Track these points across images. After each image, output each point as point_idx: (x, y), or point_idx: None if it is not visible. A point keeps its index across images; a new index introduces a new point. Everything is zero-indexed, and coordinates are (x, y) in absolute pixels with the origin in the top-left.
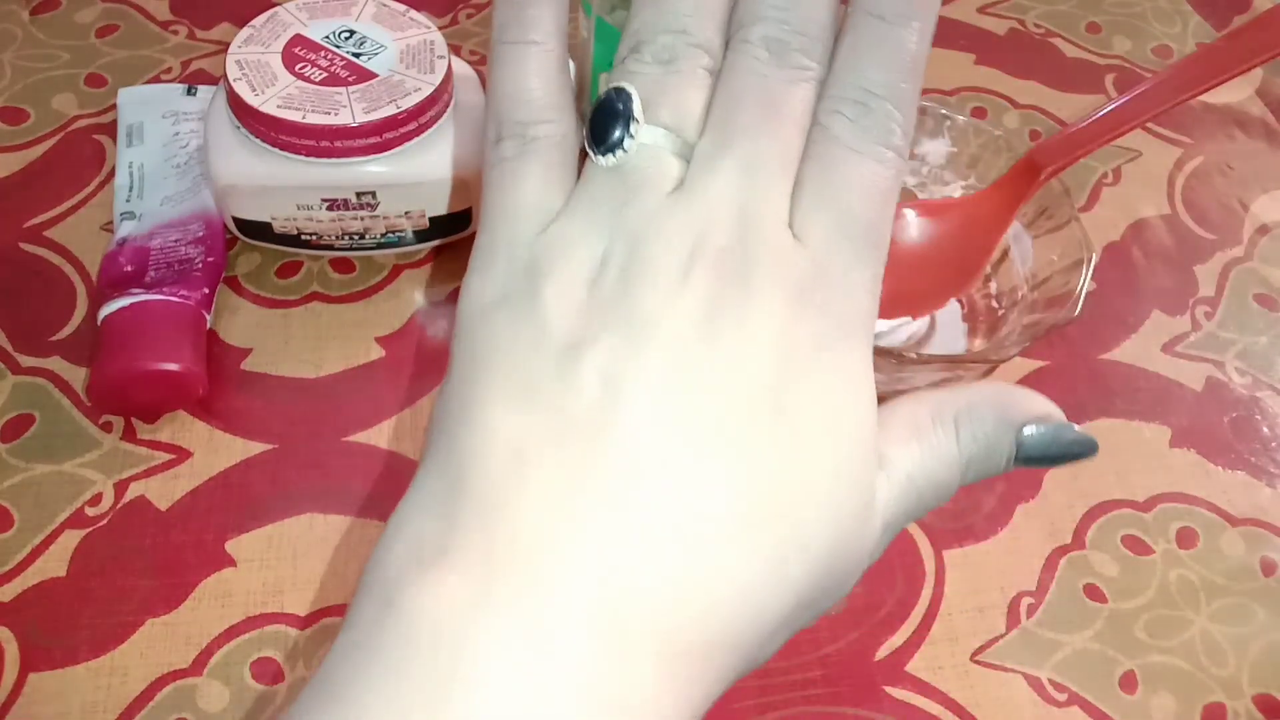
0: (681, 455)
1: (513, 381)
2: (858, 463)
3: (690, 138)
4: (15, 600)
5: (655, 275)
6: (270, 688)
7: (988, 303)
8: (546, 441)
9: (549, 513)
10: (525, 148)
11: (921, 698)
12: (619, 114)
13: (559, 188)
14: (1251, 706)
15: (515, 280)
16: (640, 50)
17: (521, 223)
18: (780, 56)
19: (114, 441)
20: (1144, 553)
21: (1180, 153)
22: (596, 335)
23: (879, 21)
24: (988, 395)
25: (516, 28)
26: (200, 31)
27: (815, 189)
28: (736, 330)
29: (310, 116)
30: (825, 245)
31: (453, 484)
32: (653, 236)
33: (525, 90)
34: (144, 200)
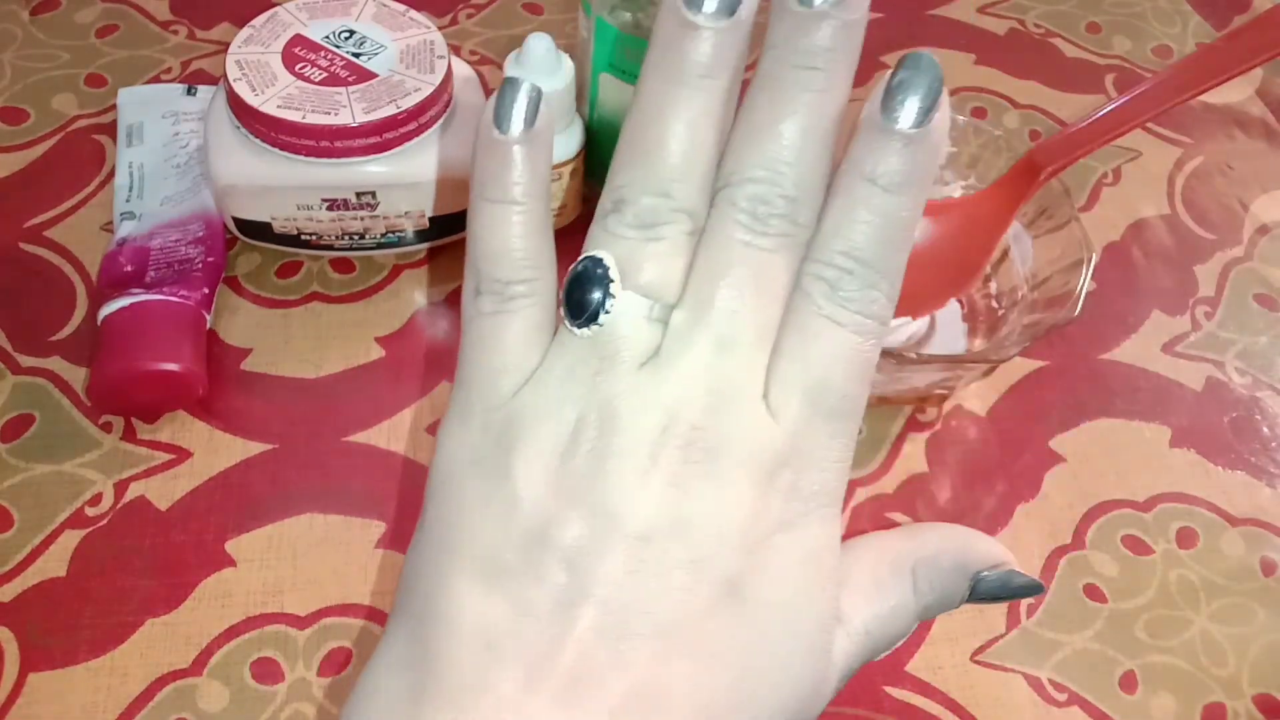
0: (644, 651)
1: (481, 560)
2: (816, 638)
3: (669, 301)
4: (15, 600)
5: (624, 456)
6: (270, 688)
7: (988, 303)
8: (512, 633)
9: (512, 708)
10: (504, 305)
11: (921, 698)
12: (595, 284)
13: (537, 347)
14: (1251, 706)
15: (488, 445)
16: (622, 210)
17: (496, 383)
18: (765, 221)
19: (114, 441)
20: (1144, 553)
21: (1180, 153)
22: (564, 519)
23: (871, 186)
24: (948, 545)
25: (498, 187)
26: (200, 31)
27: (792, 360)
28: (702, 519)
29: (310, 116)
30: (799, 421)
31: (421, 659)
32: (625, 414)
33: (506, 249)
34: (144, 200)
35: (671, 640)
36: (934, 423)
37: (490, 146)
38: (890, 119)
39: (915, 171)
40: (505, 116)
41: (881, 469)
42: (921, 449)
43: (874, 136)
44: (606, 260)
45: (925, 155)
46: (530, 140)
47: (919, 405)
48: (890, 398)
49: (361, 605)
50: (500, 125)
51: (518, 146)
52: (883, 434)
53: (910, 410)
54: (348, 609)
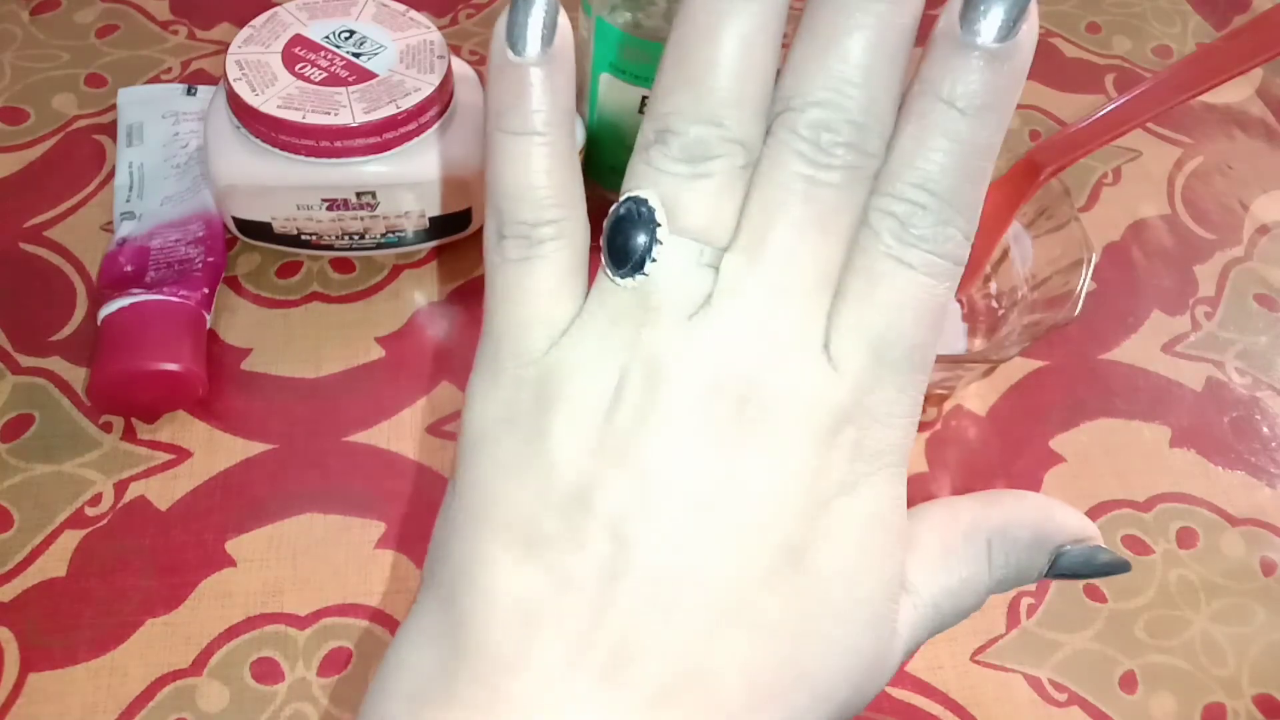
0: (694, 625)
1: (518, 527)
2: (881, 607)
3: (720, 244)
4: (15, 600)
5: (672, 415)
6: (270, 688)
7: (988, 303)
8: (552, 606)
9: (552, 685)
10: (531, 250)
11: (921, 698)
12: (639, 229)
13: (569, 296)
14: (1251, 706)
15: (522, 402)
16: (667, 141)
17: (529, 336)
18: (828, 151)
19: (114, 441)
20: (1144, 553)
21: (1180, 153)
22: (606, 482)
23: (949, 109)
24: (1026, 515)
25: (517, 116)
26: (200, 31)
27: (856, 306)
28: (758, 481)
29: (310, 116)
30: (863, 374)
31: (454, 632)
32: (672, 369)
33: (529, 186)
34: (144, 200)
35: (724, 613)
36: (934, 422)
37: (504, 71)
38: (970, 32)
39: (998, 92)
40: (520, 36)
41: None
42: (921, 449)
43: (951, 52)
44: (651, 201)
45: (1010, 74)
46: (549, 61)
47: None
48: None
49: (361, 605)
50: (515, 46)
51: (535, 69)
52: None
53: None
54: (348, 609)
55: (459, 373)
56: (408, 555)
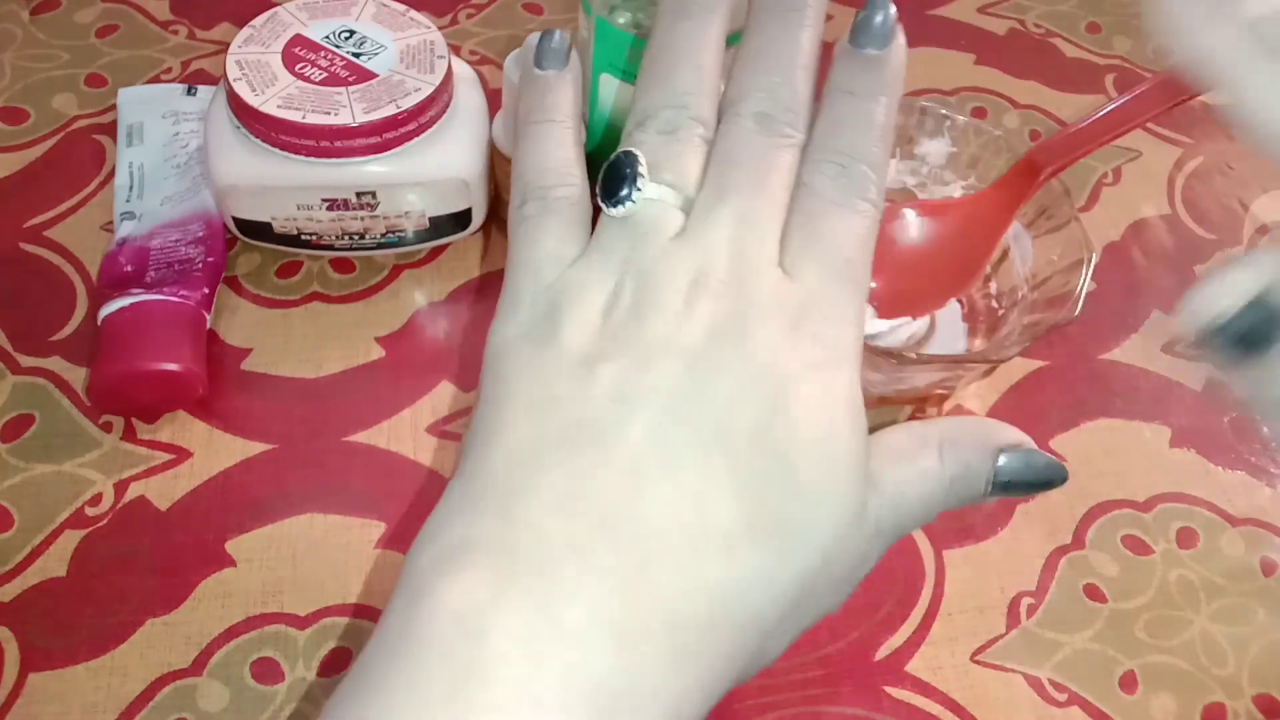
0: (687, 464)
1: (533, 396)
2: (849, 474)
3: (690, 194)
4: (15, 600)
5: (662, 305)
6: (270, 688)
7: (988, 303)
8: (561, 445)
9: (562, 513)
10: (546, 207)
11: (921, 698)
12: (626, 173)
13: (575, 240)
14: (1251, 706)
15: (537, 318)
16: (645, 124)
17: (543, 271)
18: (767, 127)
19: (114, 441)
20: (1144, 553)
21: (1180, 153)
22: (609, 354)
23: (851, 97)
24: (967, 424)
25: (540, 110)
26: (200, 31)
27: (802, 235)
28: (736, 352)
29: (310, 116)
30: (815, 282)
31: (477, 490)
32: (659, 273)
33: (548, 160)
34: (144, 200)
35: (712, 453)
36: None
37: (533, 81)
38: (858, 45)
39: (884, 84)
40: (544, 57)
41: None
42: None
43: (848, 60)
44: (636, 152)
45: (891, 71)
46: (564, 74)
47: (919, 405)
48: (890, 398)
49: (361, 605)
50: (540, 64)
51: (555, 77)
52: None
53: (910, 410)
54: (348, 609)
55: (459, 373)
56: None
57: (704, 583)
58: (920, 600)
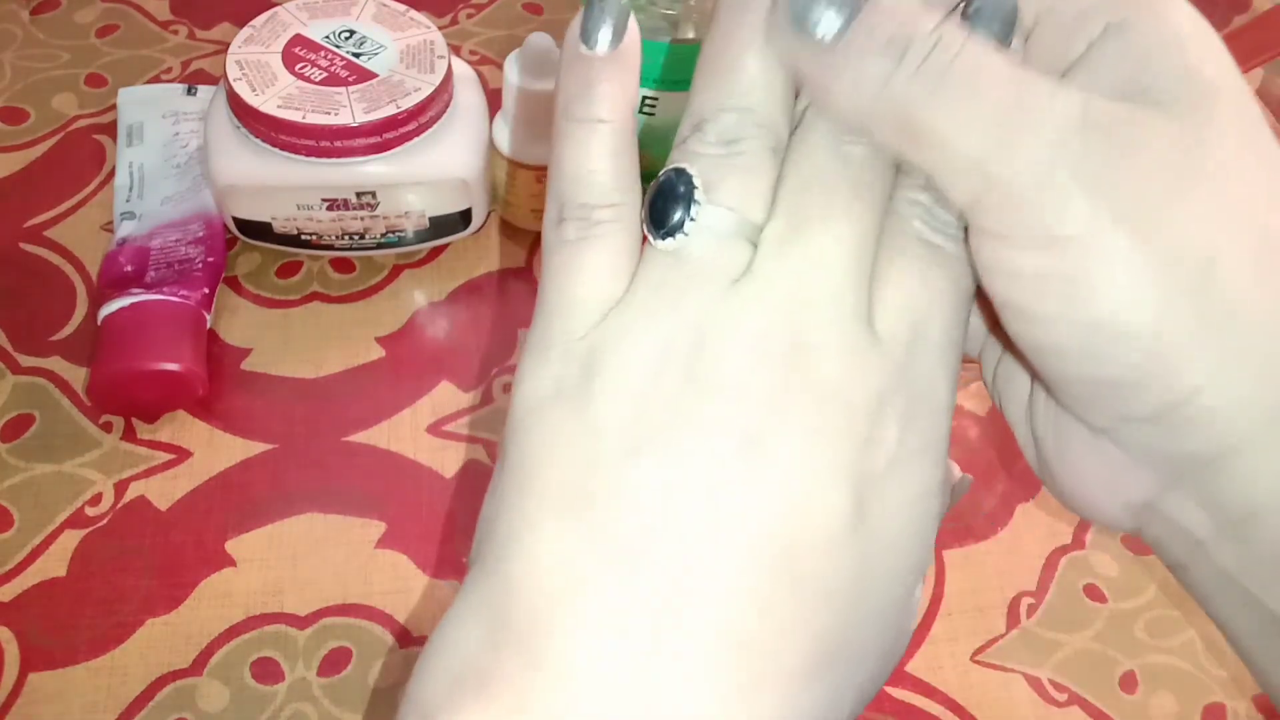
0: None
1: (565, 493)
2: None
3: (757, 220)
4: (15, 600)
5: (718, 378)
6: (270, 688)
7: None
8: (596, 568)
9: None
10: (589, 232)
11: (921, 698)
12: (679, 195)
13: (623, 274)
14: (1251, 707)
15: (570, 375)
16: (703, 129)
17: (580, 314)
18: (857, 135)
19: (114, 441)
20: (1144, 552)
21: None
22: (653, 445)
23: None
24: None
25: (583, 104)
26: (200, 31)
27: (897, 284)
28: (808, 445)
29: (310, 116)
30: (907, 348)
31: (498, 604)
32: (716, 333)
33: (590, 171)
34: (144, 200)
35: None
36: None
37: (576, 64)
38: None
39: None
40: (592, 32)
41: None
42: None
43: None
44: (690, 170)
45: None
46: (617, 57)
47: None
48: None
49: (361, 605)
50: (587, 40)
51: (604, 62)
52: None
53: None
54: (348, 609)
55: (459, 373)
56: (408, 555)
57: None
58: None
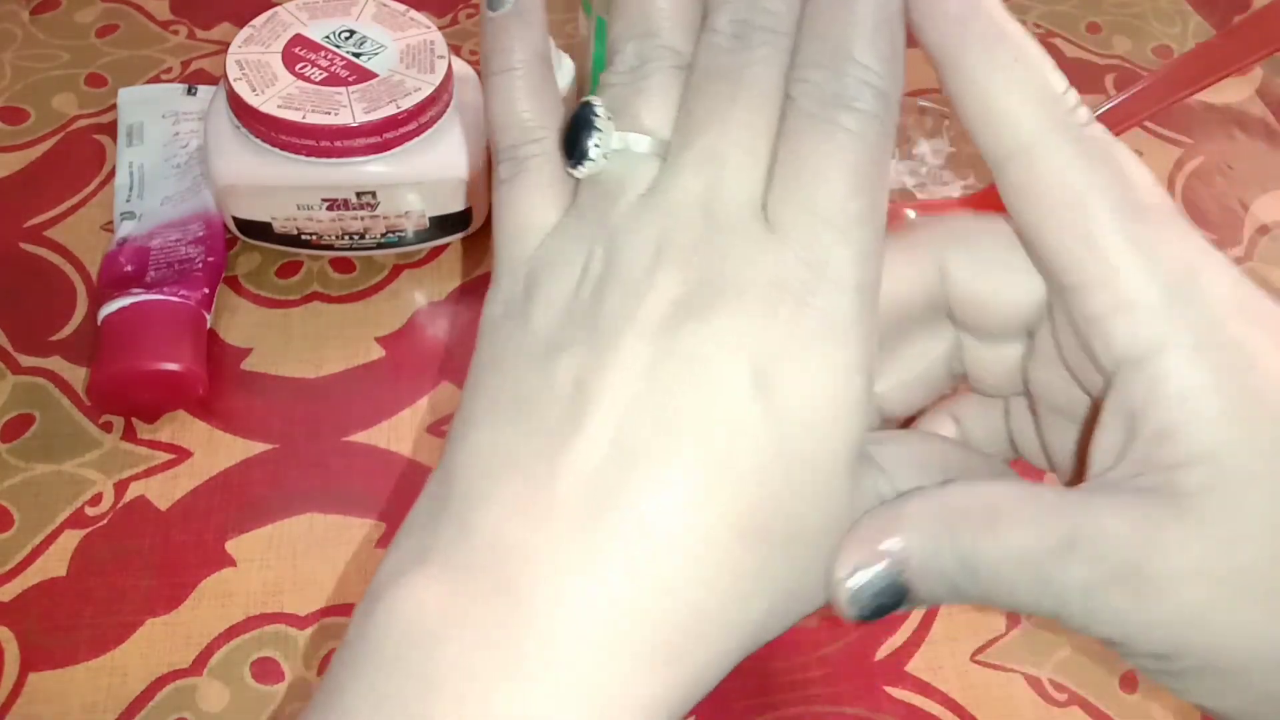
0: (653, 465)
1: (501, 391)
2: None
3: (665, 136)
4: (15, 600)
5: (624, 280)
6: (270, 688)
7: None
8: (521, 448)
9: (518, 520)
10: (518, 168)
11: (921, 698)
12: (586, 124)
13: (553, 202)
14: None
15: (516, 294)
16: (613, 62)
17: (522, 241)
18: (744, 37)
19: (114, 441)
20: None
21: (1180, 153)
22: (571, 342)
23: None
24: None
25: (498, 57)
26: (200, 31)
27: (787, 171)
28: (706, 330)
29: (310, 116)
30: (801, 233)
31: (439, 495)
32: (623, 241)
33: (513, 114)
34: (144, 200)
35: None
36: None
37: (488, 26)
38: None
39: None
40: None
41: None
42: None
43: None
44: (595, 103)
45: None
46: (520, 14)
47: None
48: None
49: None
50: (492, 6)
51: (509, 18)
52: None
53: None
54: (348, 609)
55: (459, 373)
56: None
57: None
58: None
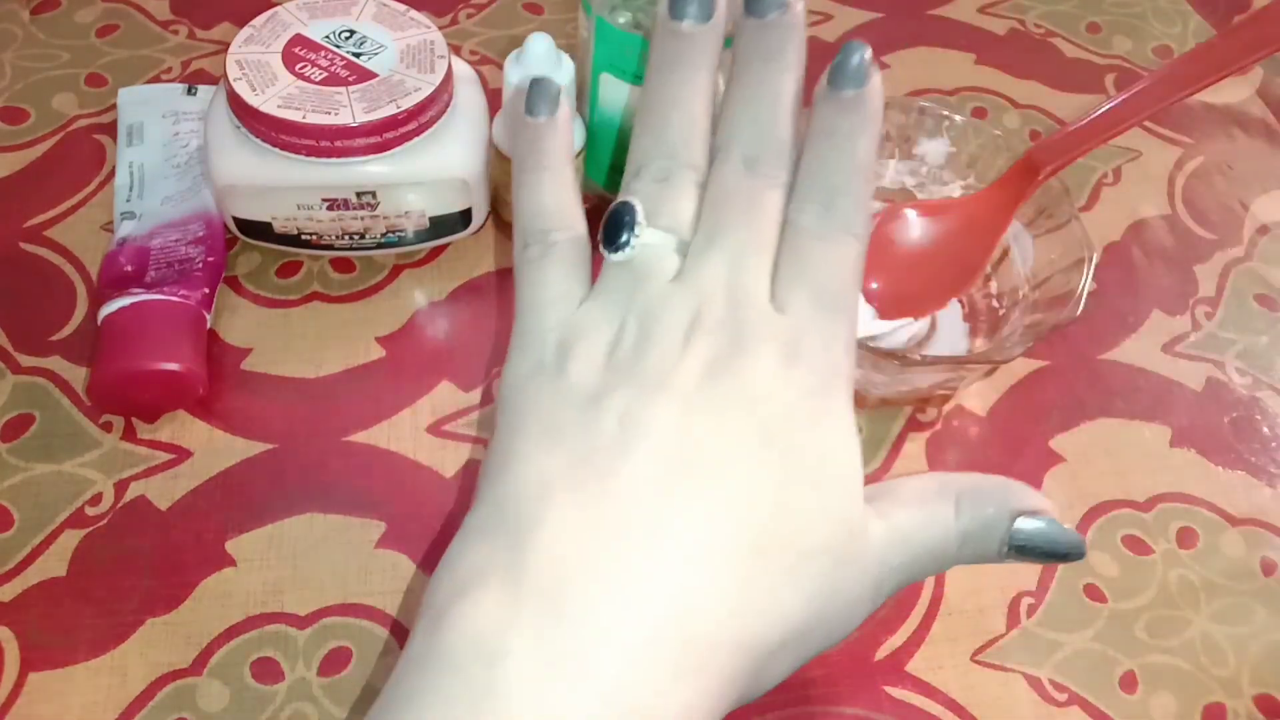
0: (690, 490)
1: (543, 429)
2: (846, 501)
3: (685, 236)
4: (15, 600)
5: (663, 343)
6: (270, 688)
7: (989, 303)
8: (569, 475)
9: (571, 539)
10: (548, 251)
11: (921, 698)
12: (626, 222)
13: (578, 280)
14: (1251, 706)
15: (546, 357)
16: (641, 174)
17: (550, 311)
18: (754, 169)
19: (114, 441)
20: (1144, 553)
21: (1180, 153)
22: (614, 388)
23: (832, 137)
24: (991, 483)
25: (532, 158)
26: (200, 31)
27: (791, 270)
28: (734, 382)
29: (310, 116)
30: (804, 312)
31: (492, 519)
32: (659, 313)
33: (543, 206)
34: (144, 200)
35: (713, 478)
36: (934, 422)
37: (525, 130)
38: (836, 88)
39: (864, 123)
40: (535, 106)
41: (882, 469)
42: (922, 449)
43: (827, 103)
44: (633, 202)
45: (869, 110)
46: (554, 121)
47: (920, 406)
48: (892, 399)
49: (361, 605)
50: (532, 113)
51: (547, 124)
52: (883, 434)
53: (910, 410)
54: (348, 609)
55: (459, 373)
56: (408, 555)
57: (706, 604)
58: (920, 600)
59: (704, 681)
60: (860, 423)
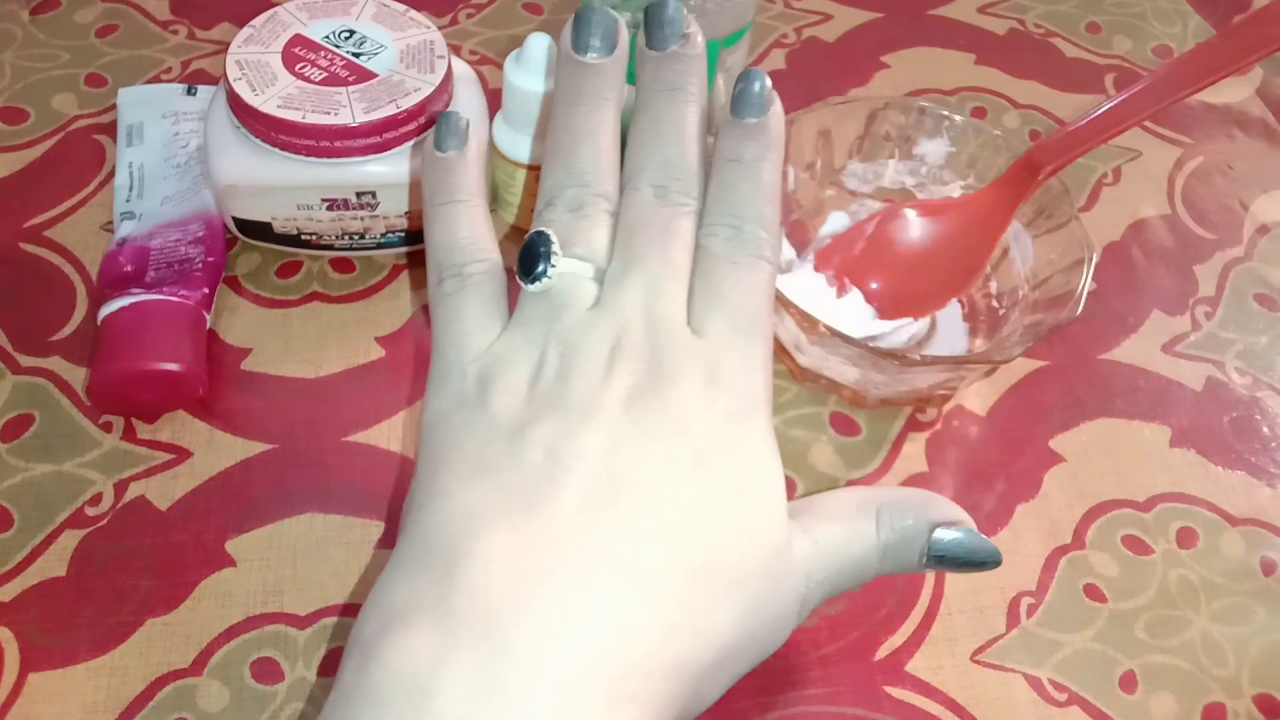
0: (617, 515)
1: (468, 463)
2: (771, 520)
3: (601, 264)
4: (15, 600)
5: (585, 370)
6: (270, 688)
7: (988, 302)
8: (497, 508)
9: (500, 571)
10: (463, 284)
11: (921, 698)
12: (541, 252)
13: (495, 312)
14: (1251, 706)
15: (467, 390)
16: (554, 204)
17: (468, 343)
18: (664, 197)
19: (114, 441)
20: (1144, 553)
21: (1180, 153)
22: (539, 419)
23: (737, 163)
24: (910, 496)
25: (445, 190)
26: (200, 31)
27: (705, 295)
28: (656, 408)
29: (310, 116)
30: (721, 336)
31: (418, 556)
32: (580, 341)
33: (457, 239)
34: (144, 200)
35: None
36: (934, 422)
37: (435, 164)
38: (739, 115)
39: (767, 148)
40: (443, 141)
41: (882, 469)
42: (921, 449)
43: (732, 130)
44: (548, 232)
45: (771, 136)
46: (465, 156)
47: (920, 406)
48: (892, 399)
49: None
50: (440, 148)
51: (456, 158)
52: (883, 434)
53: (910, 410)
54: (348, 609)
55: None
56: None
57: (640, 630)
58: (920, 600)
59: (641, 708)
60: (860, 423)
